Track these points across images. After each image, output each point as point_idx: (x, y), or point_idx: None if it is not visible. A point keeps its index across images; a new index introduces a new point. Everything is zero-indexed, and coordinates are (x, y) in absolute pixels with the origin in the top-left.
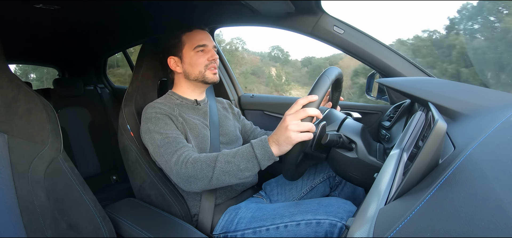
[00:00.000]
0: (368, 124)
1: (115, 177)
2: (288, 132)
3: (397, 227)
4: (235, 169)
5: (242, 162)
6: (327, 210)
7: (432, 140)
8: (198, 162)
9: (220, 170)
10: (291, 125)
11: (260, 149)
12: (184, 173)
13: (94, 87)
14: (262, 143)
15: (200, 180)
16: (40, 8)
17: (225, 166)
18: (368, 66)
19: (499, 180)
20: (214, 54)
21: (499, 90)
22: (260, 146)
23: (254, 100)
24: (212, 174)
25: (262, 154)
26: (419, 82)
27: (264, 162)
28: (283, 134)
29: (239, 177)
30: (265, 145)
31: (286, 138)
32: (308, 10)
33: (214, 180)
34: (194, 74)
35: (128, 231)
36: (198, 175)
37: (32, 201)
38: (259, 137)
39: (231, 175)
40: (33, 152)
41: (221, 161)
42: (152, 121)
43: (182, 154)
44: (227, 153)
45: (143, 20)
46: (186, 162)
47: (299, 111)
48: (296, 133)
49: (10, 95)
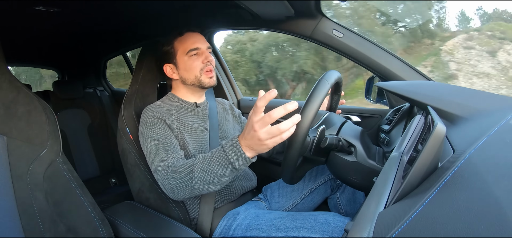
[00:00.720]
0: (367, 128)
1: (114, 180)
2: (261, 141)
3: (397, 230)
4: (213, 177)
5: (218, 169)
6: (323, 228)
7: (431, 143)
8: (177, 172)
9: (199, 180)
10: (262, 134)
11: (234, 155)
12: (167, 183)
13: (94, 90)
14: (235, 148)
15: (182, 190)
16: (40, 10)
17: (203, 175)
18: (367, 70)
19: (498, 183)
20: (208, 56)
21: (498, 94)
22: (234, 152)
23: (254, 103)
24: (191, 184)
25: (237, 160)
26: (418, 85)
27: (241, 166)
28: (256, 142)
29: (219, 183)
30: (239, 150)
31: (260, 145)
32: (308, 14)
33: (195, 189)
34: (190, 79)
35: (126, 234)
36: (179, 185)
37: (30, 204)
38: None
39: (210, 183)
40: (32, 154)
41: (198, 170)
42: (147, 125)
43: (166, 163)
44: (202, 159)
45: (143, 23)
46: (167, 172)
47: (265, 117)
48: (270, 140)
49: (9, 97)
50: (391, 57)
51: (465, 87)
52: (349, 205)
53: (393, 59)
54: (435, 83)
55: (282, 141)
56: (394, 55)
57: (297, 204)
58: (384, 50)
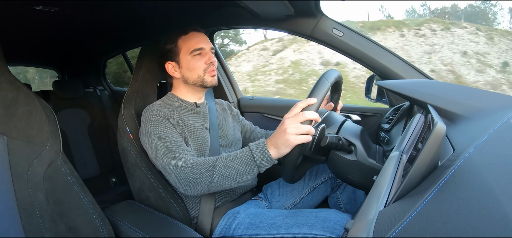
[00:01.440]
0: (367, 126)
1: (114, 179)
2: (286, 135)
3: (397, 229)
4: (234, 173)
5: (241, 166)
6: (324, 225)
7: (431, 142)
8: (197, 167)
9: (219, 174)
10: (289, 127)
11: (258, 152)
12: (183, 178)
13: (94, 89)
14: (261, 146)
15: (199, 184)
16: (40, 10)
17: (224, 170)
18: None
19: (499, 181)
20: (212, 57)
21: (499, 93)
22: (259, 149)
23: (254, 102)
24: (211, 178)
25: (260, 158)
26: (418, 84)
27: (263, 165)
28: (282, 137)
29: (238, 180)
30: (264, 148)
31: (284, 141)
32: (308, 13)
33: (214, 184)
34: (193, 78)
35: (127, 233)
36: (198, 179)
37: (31, 203)
38: (258, 138)
39: (230, 179)
40: (32, 154)
41: (220, 165)
42: (151, 124)
43: (181, 158)
44: (225, 156)
45: (142, 23)
46: (185, 167)
47: (298, 114)
48: (295, 136)
49: (9, 97)
50: (391, 56)
51: (465, 86)
52: (349, 204)
53: (393, 57)
54: (435, 82)
55: (304, 141)
56: (394, 54)
57: (297, 203)
58: (384, 49)
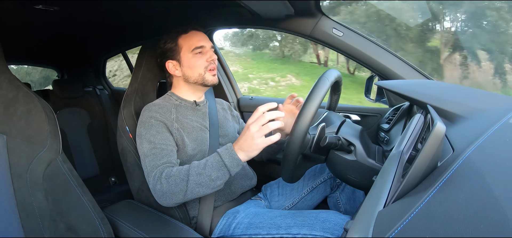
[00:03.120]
0: (367, 126)
1: (113, 179)
2: (253, 139)
3: (396, 229)
4: (207, 180)
5: (213, 172)
6: (324, 226)
7: (431, 142)
8: (171, 177)
9: (193, 183)
10: (254, 133)
11: (227, 157)
12: (159, 189)
13: (93, 89)
14: (229, 150)
15: (175, 195)
16: (39, 9)
17: (197, 178)
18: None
19: (498, 182)
20: (213, 55)
21: (498, 93)
22: (227, 153)
23: (253, 102)
24: (186, 187)
25: (230, 162)
26: (418, 84)
27: (233, 168)
28: (249, 142)
29: (212, 186)
30: (232, 152)
31: (252, 145)
32: (307, 13)
33: (189, 193)
34: (194, 77)
35: (126, 233)
36: (173, 189)
37: (30, 202)
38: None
39: (204, 186)
40: (32, 153)
41: (193, 173)
42: (145, 126)
43: (159, 169)
44: (197, 164)
45: (142, 22)
46: (160, 178)
47: (259, 118)
48: (261, 139)
49: (9, 96)
50: (391, 56)
51: (465, 87)
52: (348, 204)
53: (393, 58)
54: (435, 82)
55: (271, 142)
56: (394, 54)
57: (296, 202)
58: (384, 49)
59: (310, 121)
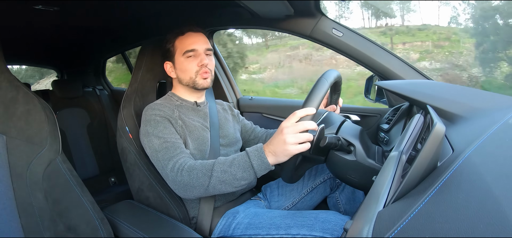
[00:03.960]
0: (366, 127)
1: (113, 179)
2: (286, 144)
3: (396, 229)
4: (231, 178)
5: (238, 171)
6: (324, 227)
7: (430, 142)
8: (194, 170)
9: (217, 179)
10: (288, 137)
11: (256, 158)
12: (180, 181)
13: (93, 89)
14: (259, 152)
15: (196, 188)
16: (39, 9)
17: (222, 175)
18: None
19: (498, 182)
20: (204, 59)
21: (498, 93)
22: (257, 155)
23: (253, 102)
24: (208, 182)
25: (258, 164)
26: (417, 85)
27: (261, 171)
28: (281, 146)
29: (235, 185)
30: (262, 154)
31: (283, 150)
32: (307, 13)
33: (210, 188)
34: (185, 80)
35: (126, 233)
36: (194, 183)
37: (30, 203)
38: (258, 137)
39: (227, 184)
40: (32, 153)
41: (218, 170)
42: (151, 124)
43: (178, 161)
44: (223, 161)
45: (142, 22)
46: (181, 170)
47: (297, 124)
48: (294, 145)
49: (8, 96)
50: (390, 56)
51: (464, 87)
52: (348, 204)
53: (392, 58)
54: (435, 83)
55: (302, 150)
56: (393, 54)
57: (296, 203)
58: (384, 49)
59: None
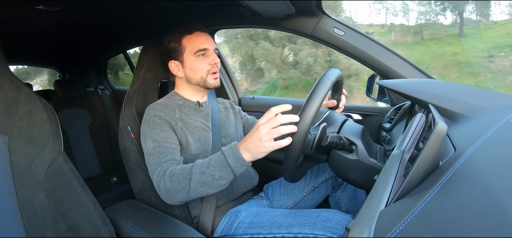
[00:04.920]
0: (368, 126)
1: (115, 179)
2: (261, 141)
3: (398, 228)
4: (210, 179)
5: (216, 171)
6: (325, 226)
7: (432, 141)
8: (175, 175)
9: (196, 182)
10: (263, 134)
11: (232, 156)
12: (163, 187)
13: (95, 89)
14: (233, 150)
15: (179, 193)
16: (41, 9)
17: (200, 177)
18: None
19: (500, 181)
20: (215, 58)
21: (500, 92)
22: (232, 153)
23: (255, 102)
24: (189, 186)
25: (234, 162)
26: (419, 84)
27: (238, 168)
28: (256, 143)
29: (215, 186)
30: (236, 152)
31: (259, 146)
32: (309, 12)
33: (192, 192)
34: (195, 79)
35: (128, 232)
36: (176, 187)
37: (32, 202)
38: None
39: (207, 185)
40: (34, 153)
41: (196, 172)
42: (149, 125)
43: (163, 167)
44: (200, 163)
45: (144, 22)
46: (164, 175)
47: (272, 120)
48: (270, 142)
49: (10, 97)
50: (392, 55)
51: (466, 86)
52: (350, 203)
53: (394, 57)
54: (437, 82)
55: (279, 146)
56: (395, 53)
57: (298, 202)
58: (386, 48)
59: (311, 121)
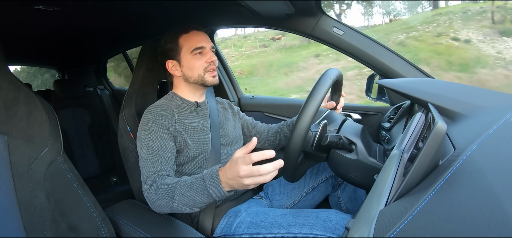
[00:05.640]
0: (368, 125)
1: (115, 178)
2: (241, 179)
3: (398, 228)
4: (191, 201)
5: (197, 197)
6: (325, 226)
7: (432, 141)
8: (160, 190)
9: (179, 201)
10: (242, 170)
11: (213, 187)
12: (149, 198)
13: (94, 89)
14: (214, 181)
15: (163, 206)
16: (40, 9)
17: (182, 198)
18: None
19: (499, 180)
20: (212, 56)
21: (499, 91)
22: (213, 184)
23: (254, 101)
24: (171, 203)
25: (215, 192)
26: (418, 83)
27: (218, 197)
28: (235, 180)
29: (197, 207)
30: (218, 184)
31: (238, 184)
32: (308, 12)
33: (175, 208)
34: (193, 77)
35: (128, 232)
36: (160, 202)
37: (32, 203)
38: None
39: (189, 206)
40: (33, 153)
41: (178, 193)
42: (145, 130)
43: (151, 179)
44: (183, 184)
45: (143, 22)
46: (150, 188)
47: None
48: (249, 179)
49: (10, 97)
50: (391, 55)
51: (466, 85)
52: (350, 203)
53: (393, 56)
54: (436, 81)
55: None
56: (394, 52)
57: (298, 201)
58: (385, 47)
59: (312, 118)
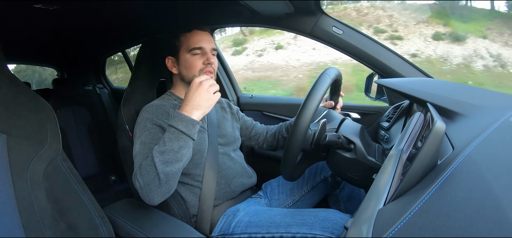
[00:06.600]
0: (367, 125)
1: (114, 177)
2: (208, 93)
3: (396, 227)
4: (171, 154)
5: (173, 144)
6: (324, 225)
7: (431, 140)
8: (142, 168)
9: (161, 163)
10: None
11: (180, 122)
12: (138, 186)
13: (93, 88)
14: (179, 116)
15: (152, 183)
16: (39, 8)
17: (162, 157)
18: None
19: (498, 180)
20: (210, 58)
21: (498, 91)
22: (179, 120)
23: (253, 100)
24: (156, 171)
25: (185, 126)
26: (417, 83)
27: (191, 131)
28: (204, 95)
29: (180, 158)
30: (183, 117)
31: (208, 99)
32: (307, 11)
33: (162, 175)
34: (188, 77)
35: (127, 231)
36: (147, 179)
37: (31, 201)
38: (259, 133)
39: (172, 162)
40: (32, 152)
41: (156, 154)
42: (139, 127)
43: (137, 167)
44: (157, 146)
45: (142, 21)
46: (136, 174)
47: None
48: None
49: (9, 95)
50: (390, 54)
51: (465, 85)
52: (349, 202)
53: (392, 56)
54: (435, 81)
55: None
56: (393, 52)
57: (297, 201)
58: (384, 47)
59: (311, 117)
